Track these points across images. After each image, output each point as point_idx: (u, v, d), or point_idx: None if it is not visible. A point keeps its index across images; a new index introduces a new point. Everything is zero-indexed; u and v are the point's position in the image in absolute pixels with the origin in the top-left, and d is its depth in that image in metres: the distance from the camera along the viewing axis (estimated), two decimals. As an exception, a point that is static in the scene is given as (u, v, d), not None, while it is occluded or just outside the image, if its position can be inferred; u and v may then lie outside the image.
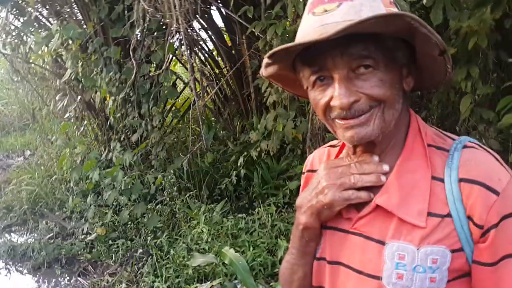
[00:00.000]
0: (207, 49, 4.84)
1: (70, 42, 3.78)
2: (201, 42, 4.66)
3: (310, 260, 0.80)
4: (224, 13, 4.07)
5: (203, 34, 4.76)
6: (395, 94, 0.68)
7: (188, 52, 3.24)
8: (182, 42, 4.00)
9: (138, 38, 3.35)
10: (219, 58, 4.98)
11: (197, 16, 4.04)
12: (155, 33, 3.53)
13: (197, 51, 4.70)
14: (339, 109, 0.66)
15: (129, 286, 2.94)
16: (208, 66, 4.84)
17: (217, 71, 4.89)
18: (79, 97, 3.97)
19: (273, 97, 3.27)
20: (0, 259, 3.60)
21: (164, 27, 3.41)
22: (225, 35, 4.55)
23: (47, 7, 4.47)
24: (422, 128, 0.73)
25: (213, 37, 4.56)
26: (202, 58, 4.80)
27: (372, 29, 0.62)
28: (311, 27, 0.66)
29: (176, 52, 3.94)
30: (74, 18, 4.35)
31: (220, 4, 4.02)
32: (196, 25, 4.38)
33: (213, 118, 5.21)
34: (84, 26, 4.00)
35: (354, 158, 0.76)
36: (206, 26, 4.50)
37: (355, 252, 0.72)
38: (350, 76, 0.66)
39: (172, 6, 2.60)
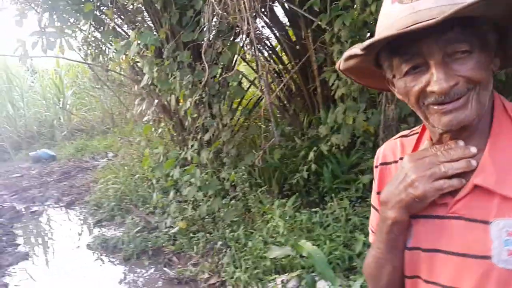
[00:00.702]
0: (270, 46, 4.92)
1: (145, 49, 4.06)
2: (264, 40, 4.75)
3: (399, 254, 0.80)
4: (288, 8, 4.11)
5: (266, 31, 4.85)
6: (489, 75, 0.69)
7: (256, 51, 3.33)
8: (247, 42, 4.13)
9: (209, 40, 3.50)
10: (283, 54, 5.03)
11: (262, 13, 4.12)
12: (223, 35, 3.66)
13: (261, 48, 4.80)
14: (438, 94, 0.67)
15: (211, 276, 3.11)
16: (273, 63, 4.92)
17: (281, 67, 4.95)
18: (155, 101, 4.24)
19: (341, 90, 3.25)
20: (94, 251, 3.97)
21: (232, 28, 3.53)
22: (288, 31, 4.59)
23: (123, 17, 4.83)
24: (507, 106, 0.73)
25: (276, 33, 4.62)
26: (266, 55, 4.89)
27: (473, 12, 0.62)
28: (401, 16, 0.67)
29: (241, 51, 4.06)
30: (145, 25, 4.65)
31: (284, 0, 4.06)
32: (259, 22, 4.48)
33: (278, 115, 5.28)
34: (155, 33, 4.26)
35: (440, 146, 0.75)
36: (269, 23, 4.57)
37: (455, 236, 0.72)
38: (446, 61, 0.66)
39: (242, 7, 2.69)
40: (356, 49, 0.73)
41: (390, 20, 0.69)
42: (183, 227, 3.66)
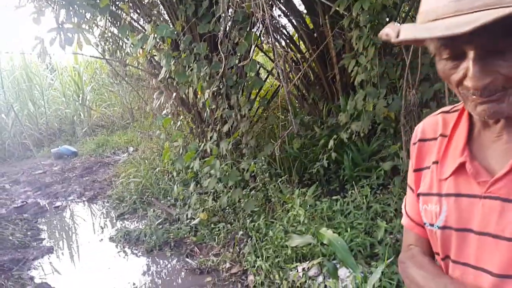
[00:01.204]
0: (287, 35, 4.86)
1: (161, 42, 4.07)
2: (281, 28, 4.70)
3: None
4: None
5: (283, 20, 4.80)
6: None
7: (273, 39, 3.30)
8: (263, 31, 4.10)
9: (226, 30, 3.48)
10: (300, 43, 4.97)
11: (278, 1, 4.08)
12: (239, 25, 3.64)
13: (278, 37, 4.75)
14: (472, 89, 0.65)
15: (233, 266, 3.13)
16: (290, 52, 4.87)
17: (299, 55, 4.89)
18: (174, 94, 4.26)
19: (361, 76, 3.20)
20: (118, 243, 4.03)
21: (248, 17, 3.50)
22: (305, 18, 4.53)
23: (138, 11, 4.85)
24: None
25: (293, 21, 4.57)
26: (284, 44, 4.84)
27: None
28: (441, 2, 0.63)
29: (258, 41, 4.03)
30: (161, 19, 4.66)
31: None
32: (275, 11, 4.43)
33: (297, 104, 5.24)
34: (171, 26, 4.26)
35: (484, 130, 0.74)
36: (286, 11, 4.52)
37: (489, 217, 0.70)
38: (486, 55, 0.63)
39: (257, -4, 2.66)
40: (390, 31, 0.70)
41: (431, 3, 0.65)
42: (204, 218, 3.68)
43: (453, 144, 0.78)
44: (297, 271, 2.78)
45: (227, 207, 3.77)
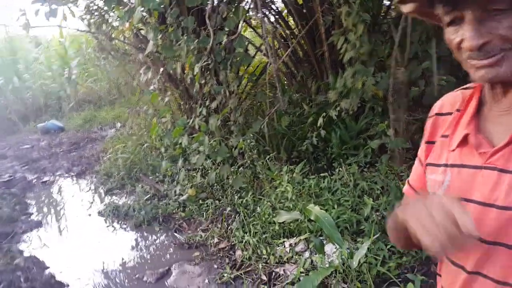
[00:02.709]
0: (276, 10, 4.78)
1: (148, 16, 3.97)
2: (269, 3, 4.61)
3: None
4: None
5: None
6: None
7: (262, 14, 3.25)
8: (252, 6, 4.02)
9: (214, 4, 3.41)
10: (289, 18, 4.90)
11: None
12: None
13: (267, 13, 4.67)
14: (468, 50, 0.67)
15: (221, 241, 3.17)
16: (279, 28, 4.80)
17: (288, 32, 4.83)
18: (161, 69, 4.19)
19: (350, 53, 3.18)
20: (106, 218, 4.05)
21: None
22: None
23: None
24: None
25: (283, -4, 4.48)
26: (272, 19, 4.76)
27: None
28: None
29: (246, 16, 3.97)
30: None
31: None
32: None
33: (285, 81, 5.21)
34: None
35: (494, 105, 0.75)
36: (275, -14, 4.43)
37: (487, 187, 0.72)
38: (483, 17, 0.65)
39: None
40: None
41: None
42: (193, 194, 3.70)
43: (464, 118, 0.80)
44: (284, 246, 2.84)
45: (215, 184, 3.79)
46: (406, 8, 0.77)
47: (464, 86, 0.86)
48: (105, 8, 5.03)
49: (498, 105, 0.75)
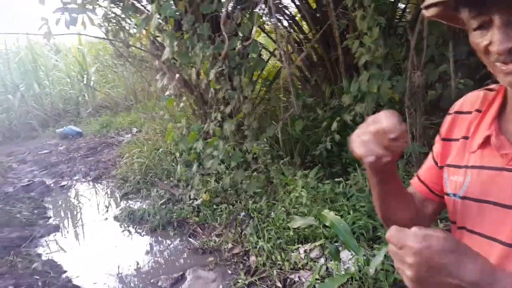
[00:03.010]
0: (290, 15, 4.79)
1: (164, 23, 4.02)
2: (283, 8, 4.62)
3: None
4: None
5: (285, 0, 4.71)
6: None
7: (275, 19, 3.25)
8: (266, 12, 4.02)
9: (228, 11, 3.43)
10: (303, 23, 4.89)
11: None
12: (242, 6, 3.59)
13: (280, 18, 4.67)
14: (497, 54, 0.66)
15: (235, 246, 3.16)
16: (293, 32, 4.80)
17: (301, 36, 4.82)
18: (176, 75, 4.24)
19: (365, 57, 3.15)
20: (122, 222, 4.09)
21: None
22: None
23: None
24: None
25: (296, 1, 4.49)
26: (286, 24, 4.76)
27: None
28: None
29: (260, 21, 3.98)
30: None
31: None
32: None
33: (299, 86, 5.20)
34: (173, 7, 4.21)
35: None
36: (288, -9, 4.44)
37: (507, 188, 0.71)
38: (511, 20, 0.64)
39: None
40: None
41: None
42: (207, 199, 3.71)
43: (485, 120, 0.80)
44: (299, 252, 2.81)
45: (229, 188, 3.79)
46: (429, 12, 0.77)
47: (488, 87, 0.85)
48: (123, 15, 5.13)
49: None
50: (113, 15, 5.32)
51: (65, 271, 3.33)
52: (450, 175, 0.84)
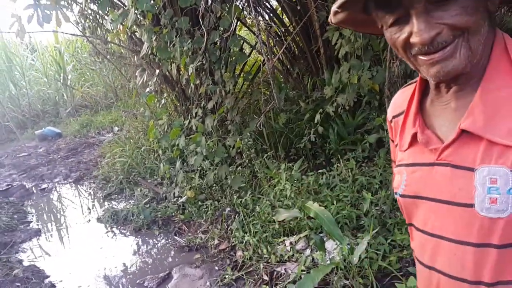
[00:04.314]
0: (270, 8, 4.76)
1: (142, 18, 3.94)
2: (264, 1, 4.59)
3: None
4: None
5: (266, -7, 4.68)
6: (479, 18, 0.63)
7: (255, 12, 3.21)
8: (246, 4, 3.99)
9: (208, 4, 3.39)
10: (284, 16, 4.87)
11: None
12: (221, -2, 3.54)
13: (261, 11, 4.64)
14: (420, 45, 0.63)
15: (221, 242, 3.15)
16: (274, 26, 4.77)
17: (282, 29, 4.80)
18: (157, 71, 4.17)
19: (345, 48, 3.16)
20: (106, 224, 4.02)
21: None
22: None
23: (118, -14, 4.68)
24: (509, 46, 0.68)
25: (276, -6, 4.46)
26: (267, 17, 4.73)
27: None
28: None
29: (241, 15, 3.94)
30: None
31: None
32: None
33: (282, 79, 5.18)
34: (151, 1, 4.13)
35: (436, 99, 0.74)
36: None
37: (442, 183, 0.70)
38: (428, 8, 0.62)
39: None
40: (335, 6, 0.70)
41: None
42: (191, 196, 3.68)
43: (409, 117, 0.79)
44: (285, 245, 2.81)
45: (214, 184, 3.77)
46: (337, 19, 0.74)
47: (405, 85, 0.86)
48: (99, 12, 5.01)
49: (440, 98, 0.74)
50: (89, 11, 5.20)
51: (47, 276, 3.26)
52: (396, 174, 0.84)
